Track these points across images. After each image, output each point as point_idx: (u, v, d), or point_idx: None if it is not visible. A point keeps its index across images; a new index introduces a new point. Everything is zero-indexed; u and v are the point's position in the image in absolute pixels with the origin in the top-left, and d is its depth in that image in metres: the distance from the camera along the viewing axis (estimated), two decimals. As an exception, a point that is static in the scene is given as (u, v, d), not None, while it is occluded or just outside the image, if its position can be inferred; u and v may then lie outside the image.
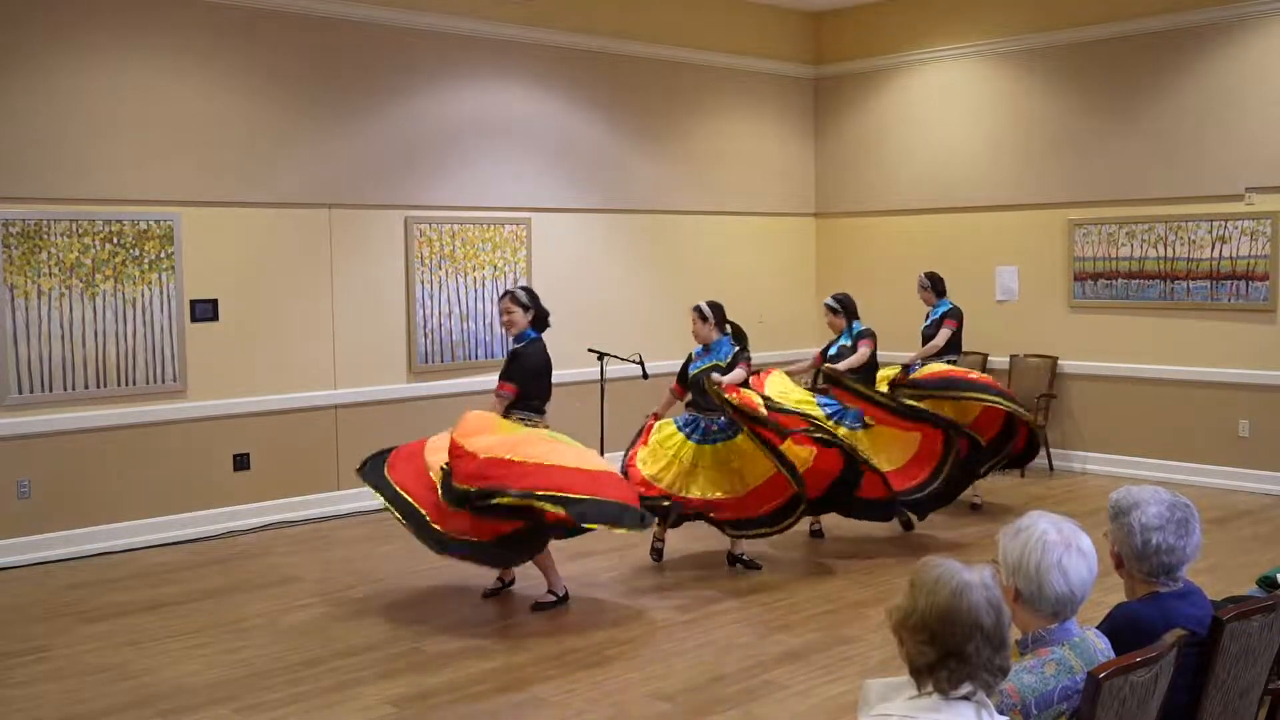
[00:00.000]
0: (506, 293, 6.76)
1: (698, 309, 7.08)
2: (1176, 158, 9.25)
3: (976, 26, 10.38)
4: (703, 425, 6.92)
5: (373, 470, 6.27)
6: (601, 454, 6.81)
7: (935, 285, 8.80)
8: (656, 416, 7.20)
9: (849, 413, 7.61)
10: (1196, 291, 9.18)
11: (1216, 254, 9.04)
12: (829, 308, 8.01)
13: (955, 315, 8.67)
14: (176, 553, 7.56)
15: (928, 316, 8.82)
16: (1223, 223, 9.00)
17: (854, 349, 7.78)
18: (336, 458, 8.49)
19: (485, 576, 6.84)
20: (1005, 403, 8.09)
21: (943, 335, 8.57)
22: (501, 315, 6.70)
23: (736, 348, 7.01)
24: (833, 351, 7.89)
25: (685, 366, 7.16)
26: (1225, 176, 8.99)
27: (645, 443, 7.01)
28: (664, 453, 6.92)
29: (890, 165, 11.06)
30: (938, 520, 8.21)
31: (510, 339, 6.69)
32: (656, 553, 7.20)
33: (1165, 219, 9.31)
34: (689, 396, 7.08)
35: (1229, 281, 9.00)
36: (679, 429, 6.99)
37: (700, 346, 7.09)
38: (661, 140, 10.43)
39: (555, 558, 6.38)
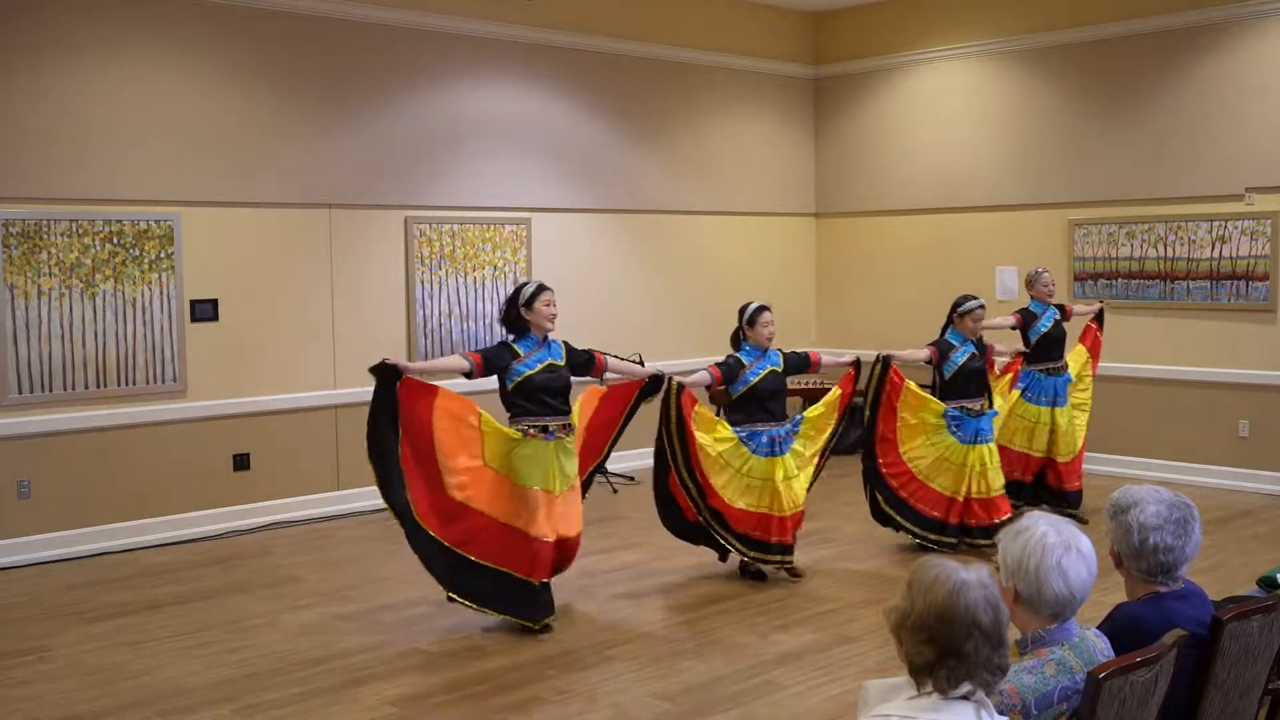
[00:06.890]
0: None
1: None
2: (1176, 158, 9.25)
3: (976, 26, 10.38)
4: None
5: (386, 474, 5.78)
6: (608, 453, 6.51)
7: None
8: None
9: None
10: (1196, 291, 9.17)
11: (1216, 254, 9.04)
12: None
13: None
14: (176, 553, 7.56)
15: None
16: (1223, 223, 9.00)
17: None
18: (336, 458, 8.50)
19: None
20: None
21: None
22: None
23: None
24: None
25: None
26: (1225, 176, 8.98)
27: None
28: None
29: (890, 165, 11.06)
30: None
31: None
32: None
33: (1165, 219, 9.30)
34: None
35: (1229, 281, 9.00)
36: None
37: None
38: (662, 140, 10.43)
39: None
